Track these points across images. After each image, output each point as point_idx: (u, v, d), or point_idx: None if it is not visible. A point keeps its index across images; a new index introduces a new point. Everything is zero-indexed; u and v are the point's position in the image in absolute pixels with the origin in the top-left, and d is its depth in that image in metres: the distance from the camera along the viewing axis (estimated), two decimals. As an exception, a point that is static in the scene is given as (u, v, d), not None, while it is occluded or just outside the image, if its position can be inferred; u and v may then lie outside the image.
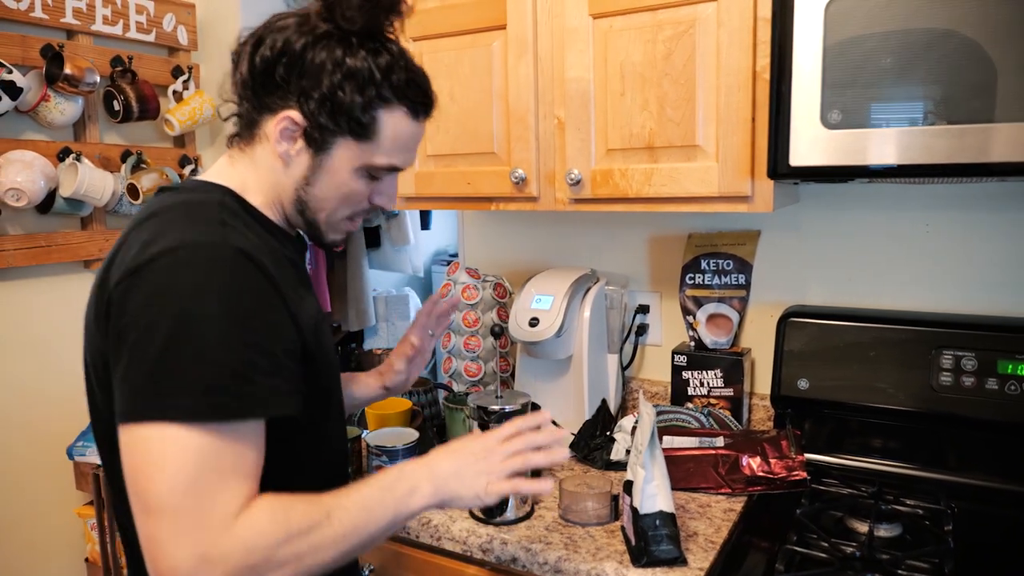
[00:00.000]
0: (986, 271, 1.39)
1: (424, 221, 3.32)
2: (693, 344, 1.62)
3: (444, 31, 1.49)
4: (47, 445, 1.89)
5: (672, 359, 1.60)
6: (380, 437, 1.40)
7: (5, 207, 1.72)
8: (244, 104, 0.91)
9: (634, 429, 1.39)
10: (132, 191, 1.91)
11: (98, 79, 1.84)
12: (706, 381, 1.56)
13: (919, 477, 1.35)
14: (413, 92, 0.90)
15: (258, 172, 0.91)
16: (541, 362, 1.59)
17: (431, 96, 0.94)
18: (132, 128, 2.04)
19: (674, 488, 1.17)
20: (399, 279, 3.42)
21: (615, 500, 1.23)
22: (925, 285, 1.45)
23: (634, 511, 1.09)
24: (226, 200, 0.87)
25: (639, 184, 1.32)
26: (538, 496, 0.94)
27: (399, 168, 0.94)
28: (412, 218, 3.01)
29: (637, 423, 1.19)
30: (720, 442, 1.37)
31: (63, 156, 1.83)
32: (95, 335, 0.82)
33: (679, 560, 1.08)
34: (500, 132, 1.46)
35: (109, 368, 0.79)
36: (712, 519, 1.23)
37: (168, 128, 2.05)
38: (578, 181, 1.37)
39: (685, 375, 1.58)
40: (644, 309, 1.73)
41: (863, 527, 1.17)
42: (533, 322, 1.49)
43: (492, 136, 1.47)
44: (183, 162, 2.14)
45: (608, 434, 1.49)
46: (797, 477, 1.30)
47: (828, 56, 1.08)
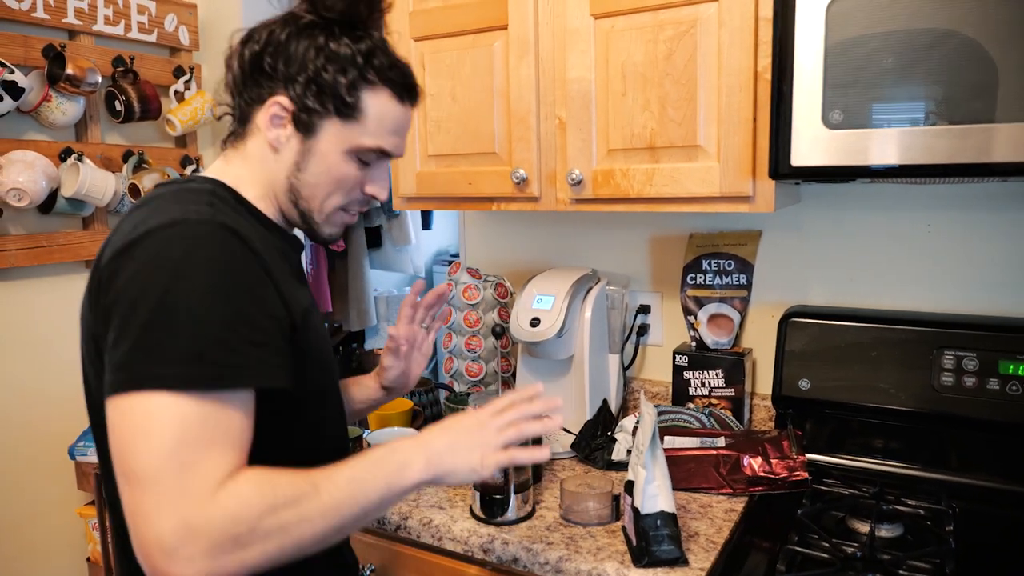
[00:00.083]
0: (987, 271, 1.39)
1: (425, 221, 3.33)
2: (694, 344, 1.62)
3: (446, 31, 1.49)
4: (48, 445, 1.89)
5: (673, 359, 1.60)
6: (381, 437, 1.40)
7: (7, 207, 1.72)
8: (237, 100, 0.94)
9: (635, 429, 1.39)
10: (134, 191, 1.91)
11: (100, 79, 1.84)
12: (707, 381, 1.56)
13: (920, 477, 1.35)
14: (395, 75, 0.93)
15: (251, 166, 0.93)
16: (542, 362, 1.59)
17: (414, 81, 0.97)
18: (134, 128, 2.04)
19: (675, 488, 1.17)
20: (400, 279, 3.43)
21: (616, 500, 1.23)
22: (926, 285, 1.45)
23: (635, 511, 1.09)
24: (217, 190, 0.89)
25: (640, 184, 1.32)
26: (537, 461, 0.93)
27: (388, 152, 0.95)
28: (413, 218, 3.02)
29: (638, 423, 1.19)
30: (721, 442, 1.37)
31: (65, 156, 1.84)
32: (88, 318, 0.83)
33: (680, 560, 1.08)
34: (501, 132, 1.46)
35: (101, 352, 0.78)
36: (713, 519, 1.23)
37: (170, 128, 2.05)
38: (579, 181, 1.37)
39: (686, 375, 1.58)
40: (645, 309, 1.73)
41: (864, 527, 1.17)
42: (534, 322, 1.49)
43: (493, 136, 1.47)
44: (185, 162, 2.14)
45: (609, 434, 1.49)
46: (798, 477, 1.30)
47: (829, 56, 1.08)
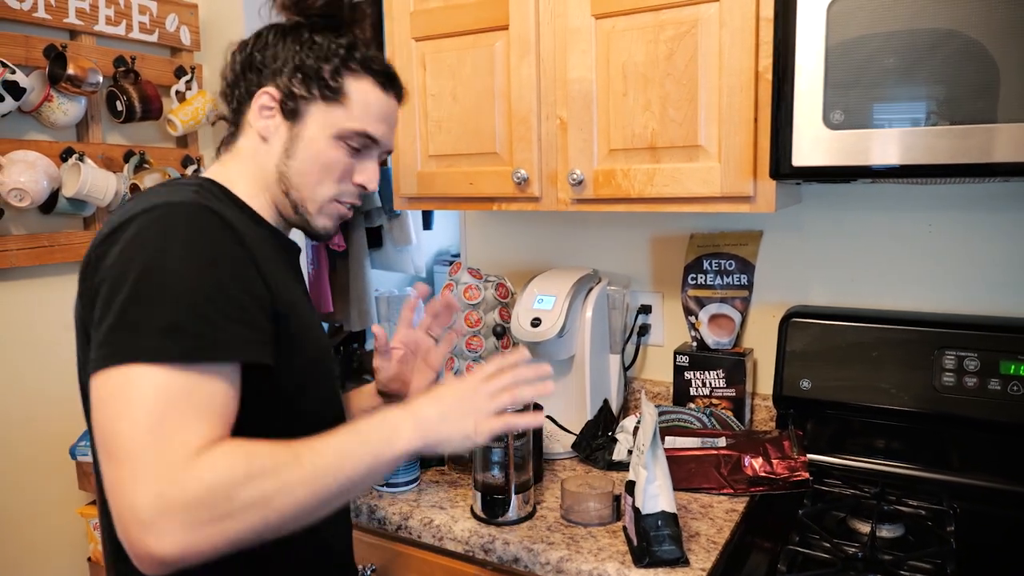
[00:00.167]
0: (989, 271, 1.39)
1: (426, 221, 3.33)
2: (695, 344, 1.62)
3: (446, 31, 1.49)
4: (49, 445, 1.89)
5: (674, 359, 1.60)
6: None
7: (8, 207, 1.72)
8: (230, 105, 0.99)
9: (636, 429, 1.39)
10: (135, 191, 1.91)
11: (101, 79, 1.84)
12: (708, 381, 1.56)
13: (921, 478, 1.35)
14: (376, 65, 0.98)
15: (243, 162, 0.97)
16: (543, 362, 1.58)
17: (395, 74, 1.01)
18: (135, 128, 2.04)
19: (676, 488, 1.17)
20: (401, 279, 3.43)
21: (617, 500, 1.23)
22: (928, 285, 1.45)
23: (636, 511, 1.09)
24: (206, 183, 0.92)
25: (641, 184, 1.32)
26: (532, 427, 0.94)
27: (373, 137, 0.98)
28: (414, 218, 3.02)
29: (639, 423, 1.19)
30: (722, 442, 1.37)
31: (66, 156, 1.84)
32: (78, 307, 0.84)
33: (681, 560, 1.08)
34: (502, 132, 1.46)
35: (91, 339, 0.79)
36: (714, 519, 1.23)
37: (171, 128, 2.05)
38: (580, 181, 1.37)
39: (687, 375, 1.58)
40: (646, 309, 1.73)
41: (865, 528, 1.17)
42: (535, 322, 1.49)
43: (494, 136, 1.47)
44: (186, 162, 2.14)
45: (610, 434, 1.49)
46: (799, 478, 1.30)
47: (830, 56, 1.08)
